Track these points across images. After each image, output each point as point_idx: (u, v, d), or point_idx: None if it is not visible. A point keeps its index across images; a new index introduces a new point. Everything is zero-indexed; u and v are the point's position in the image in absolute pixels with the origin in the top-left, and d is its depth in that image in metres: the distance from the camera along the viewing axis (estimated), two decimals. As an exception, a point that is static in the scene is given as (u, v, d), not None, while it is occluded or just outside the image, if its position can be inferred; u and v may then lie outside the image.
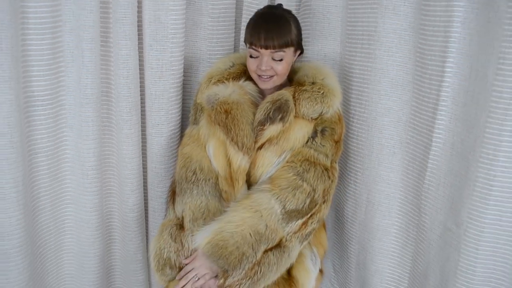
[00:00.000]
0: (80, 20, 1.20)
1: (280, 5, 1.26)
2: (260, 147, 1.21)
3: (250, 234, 1.10)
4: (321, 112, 1.21)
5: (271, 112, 1.18)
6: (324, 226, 1.39)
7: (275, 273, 1.14)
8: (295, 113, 1.20)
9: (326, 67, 1.30)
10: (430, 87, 1.15)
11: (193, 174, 1.21)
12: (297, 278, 1.22)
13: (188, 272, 1.13)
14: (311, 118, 1.21)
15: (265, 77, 1.19)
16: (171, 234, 1.19)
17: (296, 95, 1.21)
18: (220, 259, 1.09)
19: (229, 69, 1.29)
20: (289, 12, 1.23)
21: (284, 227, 1.13)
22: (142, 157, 1.43)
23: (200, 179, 1.21)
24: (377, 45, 1.26)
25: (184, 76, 1.41)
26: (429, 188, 1.20)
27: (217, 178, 1.22)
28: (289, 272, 1.23)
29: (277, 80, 1.21)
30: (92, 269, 1.42)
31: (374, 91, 1.30)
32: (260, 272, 1.11)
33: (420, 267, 1.27)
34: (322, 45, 1.46)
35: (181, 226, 1.20)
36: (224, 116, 1.18)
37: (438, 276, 1.19)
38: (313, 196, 1.16)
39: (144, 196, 1.48)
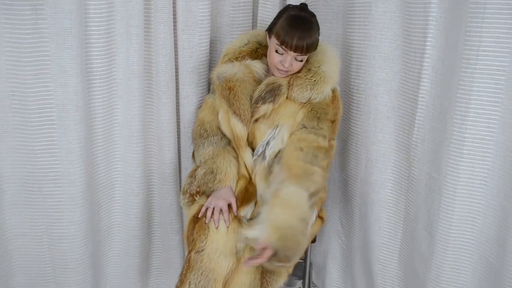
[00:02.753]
0: (128, 10, 1.36)
1: (305, 4, 1.33)
2: (256, 120, 1.35)
3: (300, 219, 1.19)
4: (310, 98, 1.31)
5: (263, 94, 1.31)
6: None
7: (305, 239, 1.24)
8: (288, 95, 1.32)
9: (329, 50, 1.35)
10: (415, 59, 1.27)
11: (204, 131, 1.44)
12: None
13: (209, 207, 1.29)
14: (300, 102, 1.32)
15: (283, 71, 1.31)
16: (190, 174, 1.45)
17: (291, 80, 1.32)
18: (289, 250, 1.16)
19: (243, 47, 1.41)
20: (314, 16, 1.31)
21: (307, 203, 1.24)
22: (177, 123, 1.59)
23: (209, 134, 1.43)
24: (371, 25, 1.39)
25: (210, 55, 1.57)
26: (416, 144, 1.33)
27: (223, 135, 1.43)
28: None
29: (291, 73, 1.33)
30: (136, 217, 1.59)
31: (370, 65, 1.42)
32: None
33: (412, 213, 1.39)
34: (327, 28, 1.59)
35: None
36: (228, 92, 1.33)
37: (426, 219, 1.30)
38: (324, 174, 1.28)
39: (178, 156, 1.64)
